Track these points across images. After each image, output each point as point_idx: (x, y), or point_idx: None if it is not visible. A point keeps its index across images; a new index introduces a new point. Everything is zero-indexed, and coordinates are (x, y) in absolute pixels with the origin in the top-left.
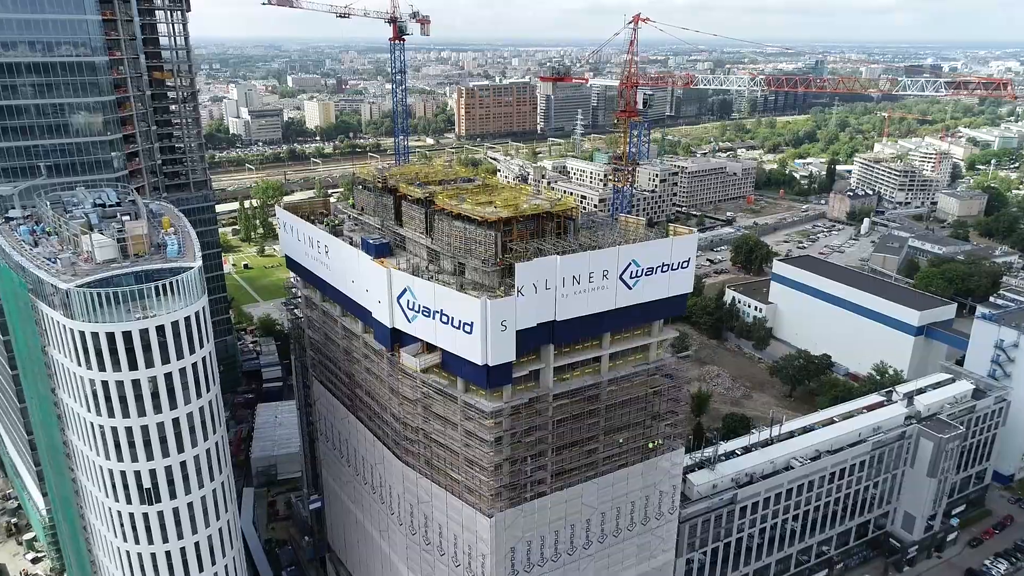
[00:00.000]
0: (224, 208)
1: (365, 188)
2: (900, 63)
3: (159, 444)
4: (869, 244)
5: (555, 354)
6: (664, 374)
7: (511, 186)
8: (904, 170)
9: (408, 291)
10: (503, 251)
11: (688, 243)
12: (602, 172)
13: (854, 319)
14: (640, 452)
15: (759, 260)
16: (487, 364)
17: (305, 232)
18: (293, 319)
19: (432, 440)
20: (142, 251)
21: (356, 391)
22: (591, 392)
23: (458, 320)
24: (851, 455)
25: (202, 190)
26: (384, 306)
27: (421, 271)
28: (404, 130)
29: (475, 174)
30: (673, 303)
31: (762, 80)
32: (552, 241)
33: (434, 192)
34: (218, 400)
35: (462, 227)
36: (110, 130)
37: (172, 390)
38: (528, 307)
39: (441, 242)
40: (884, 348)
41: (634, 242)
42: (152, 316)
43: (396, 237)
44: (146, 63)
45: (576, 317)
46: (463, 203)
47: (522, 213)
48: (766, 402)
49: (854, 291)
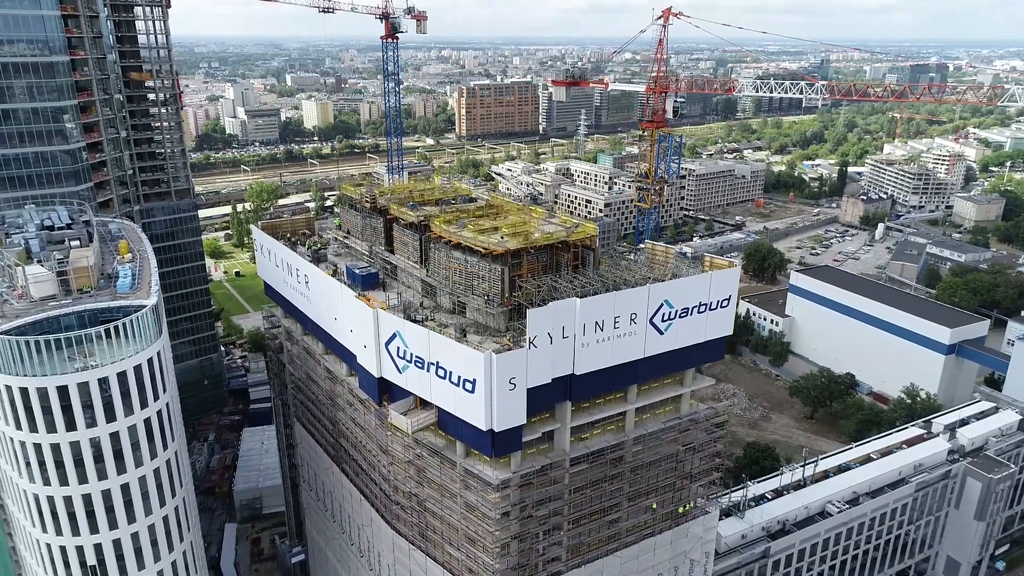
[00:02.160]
0: (217, 212)
1: (352, 208)
2: (903, 62)
3: (105, 515)
4: (885, 250)
5: (572, 411)
6: (699, 428)
7: (519, 207)
8: (918, 173)
9: (398, 337)
10: (511, 288)
11: (729, 278)
12: (607, 175)
13: (878, 335)
14: (670, 518)
15: (772, 268)
16: (492, 429)
17: (283, 257)
18: (272, 351)
19: (427, 509)
20: (87, 285)
21: (341, 441)
22: (614, 454)
23: (457, 375)
24: (892, 498)
25: (185, 198)
26: (370, 352)
27: (414, 309)
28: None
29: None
30: (710, 348)
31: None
32: (569, 277)
33: (430, 216)
34: (180, 457)
35: (462, 259)
36: (71, 138)
37: (120, 452)
38: (542, 360)
39: (438, 275)
40: (911, 367)
41: (666, 277)
42: (95, 366)
43: (386, 266)
44: (121, 63)
45: (598, 370)
46: (463, 229)
47: (533, 243)
48: (786, 424)
49: (878, 305)
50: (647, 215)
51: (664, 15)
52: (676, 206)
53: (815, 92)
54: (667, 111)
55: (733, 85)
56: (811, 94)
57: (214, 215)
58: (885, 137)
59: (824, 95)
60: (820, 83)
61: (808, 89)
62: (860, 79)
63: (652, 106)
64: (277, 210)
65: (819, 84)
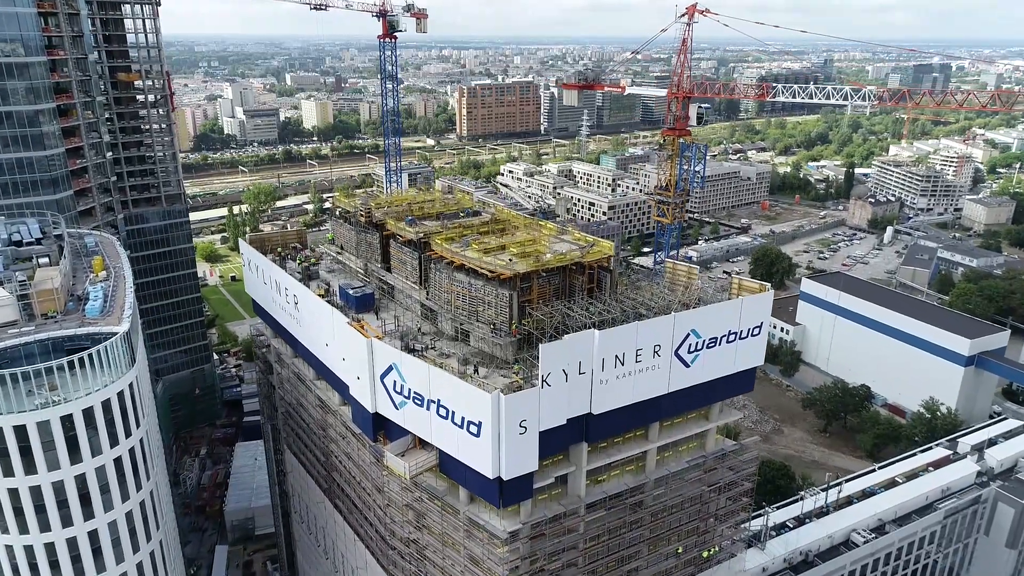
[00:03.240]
0: (213, 214)
1: (346, 221)
2: (905, 62)
3: (71, 565)
4: (894, 254)
5: (589, 452)
6: (725, 465)
7: (527, 221)
8: (927, 175)
9: (395, 370)
10: (519, 315)
11: (761, 304)
12: (610, 176)
13: (893, 345)
14: (693, 564)
15: (781, 274)
16: (500, 477)
17: (271, 275)
18: (261, 371)
19: (426, 558)
20: (53, 309)
21: (333, 474)
22: (634, 497)
23: (461, 416)
24: (920, 526)
25: (176, 203)
26: (364, 384)
27: (413, 336)
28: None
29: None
30: (740, 380)
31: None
32: (584, 302)
33: (430, 232)
34: (158, 496)
35: (466, 281)
36: (49, 143)
37: (87, 496)
38: (556, 400)
39: (438, 298)
40: (928, 378)
41: (692, 302)
42: (58, 401)
43: (383, 286)
44: (109, 63)
45: (618, 408)
46: (467, 249)
47: (545, 266)
48: (799, 438)
49: (893, 314)
50: (668, 230)
51: (689, 12)
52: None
53: (862, 98)
54: (690, 118)
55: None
56: (857, 100)
57: (210, 217)
58: (890, 138)
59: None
60: (867, 89)
61: (854, 95)
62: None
63: (674, 112)
64: (275, 212)
65: (867, 90)
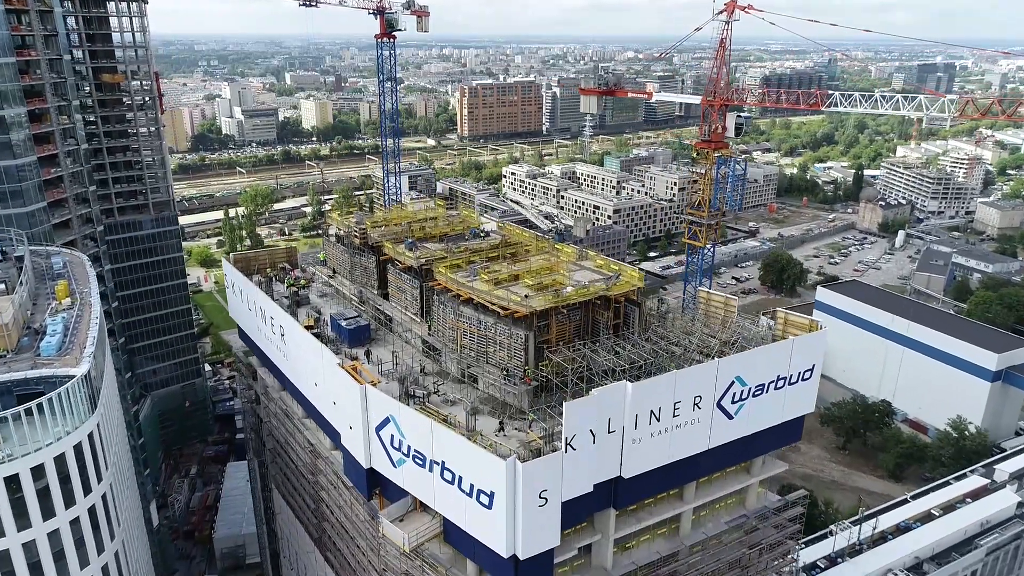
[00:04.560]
0: (210, 217)
1: (339, 242)
2: (907, 61)
3: None
4: (906, 259)
5: (616, 517)
6: (768, 524)
7: (541, 242)
8: (938, 177)
9: (392, 422)
10: (536, 357)
11: (814, 344)
12: (615, 178)
13: (914, 358)
14: None
15: (792, 280)
16: (515, 555)
17: (256, 300)
18: (249, 401)
19: None
20: (3, 347)
21: (324, 524)
22: (667, 567)
23: (469, 483)
24: (961, 565)
25: (165, 211)
26: (357, 435)
27: (413, 378)
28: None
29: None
30: (787, 429)
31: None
32: (610, 344)
33: (433, 258)
34: (125, 555)
35: (474, 318)
36: (19, 151)
37: (37, 565)
38: (581, 465)
39: (442, 335)
40: (952, 393)
41: (731, 340)
42: (2, 460)
43: (379, 315)
44: (92, 64)
45: (652, 469)
46: (475, 279)
47: (566, 301)
48: (817, 456)
49: (914, 326)
50: (700, 255)
51: (728, 8)
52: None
53: (940, 109)
54: (727, 128)
55: (822, 98)
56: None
57: (206, 220)
58: (896, 139)
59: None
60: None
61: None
62: (866, 79)
63: (710, 122)
64: (272, 215)
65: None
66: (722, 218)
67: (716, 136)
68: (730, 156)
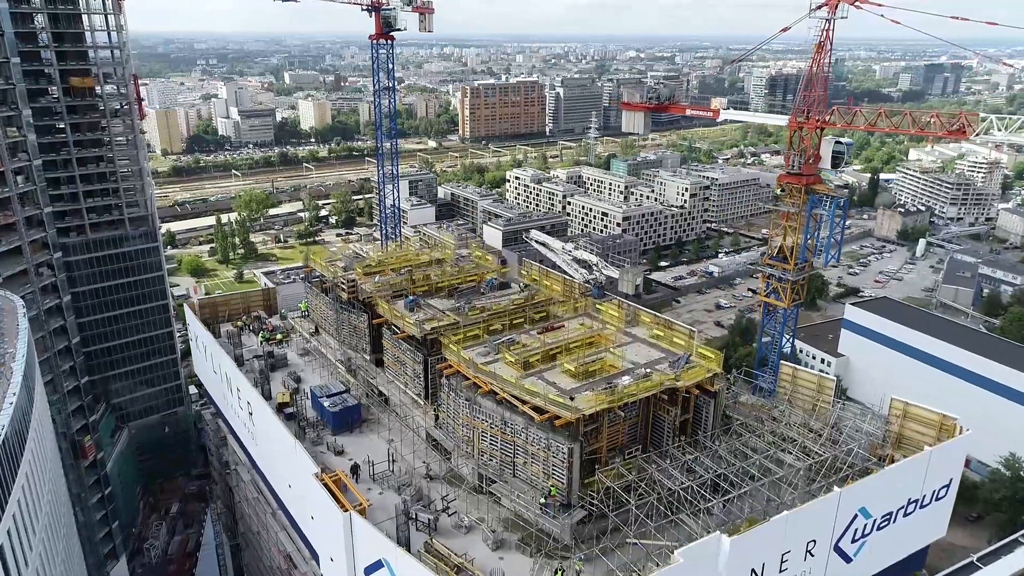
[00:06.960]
0: (202, 223)
1: (323, 291)
2: (911, 60)
3: None
4: (928, 269)
5: None
6: None
7: (579, 301)
8: (957, 182)
9: (386, 568)
10: (583, 473)
11: (953, 453)
12: (623, 183)
13: (956, 384)
14: None
15: (812, 293)
16: None
17: (221, 365)
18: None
19: None
20: None
21: None
22: None
23: None
24: None
25: (143, 226)
26: (340, 570)
27: (416, 485)
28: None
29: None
30: (911, 561)
31: None
32: (681, 458)
33: (440, 326)
34: None
35: (497, 415)
36: None
37: None
38: None
39: (453, 432)
40: (1001, 425)
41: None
42: None
43: (372, 390)
44: (60, 67)
45: None
46: (497, 360)
47: (624, 398)
48: None
49: (955, 350)
50: (784, 318)
51: (829, 4)
52: (699, 219)
53: None
54: (822, 158)
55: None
56: None
57: (198, 227)
58: (907, 140)
59: None
60: None
61: None
62: (870, 78)
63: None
64: (267, 221)
65: None
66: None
67: (808, 169)
68: (827, 193)
